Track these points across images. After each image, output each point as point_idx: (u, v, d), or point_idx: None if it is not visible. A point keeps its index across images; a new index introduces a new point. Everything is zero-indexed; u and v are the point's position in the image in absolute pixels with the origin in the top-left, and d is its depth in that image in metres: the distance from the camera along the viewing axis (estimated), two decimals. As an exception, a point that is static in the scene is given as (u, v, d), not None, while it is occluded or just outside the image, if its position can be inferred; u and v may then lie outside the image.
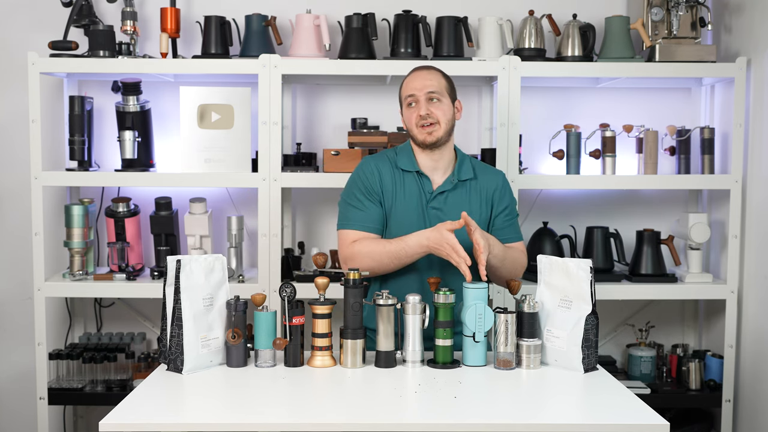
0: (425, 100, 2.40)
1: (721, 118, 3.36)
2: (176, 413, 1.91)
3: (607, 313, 3.47)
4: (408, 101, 2.43)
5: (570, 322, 2.18)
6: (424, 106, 2.40)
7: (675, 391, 3.23)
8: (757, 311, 3.11)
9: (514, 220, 2.51)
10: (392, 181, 2.44)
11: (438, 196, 2.43)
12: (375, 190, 2.42)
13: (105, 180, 3.17)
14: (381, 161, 2.47)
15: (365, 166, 2.47)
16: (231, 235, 3.22)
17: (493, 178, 2.51)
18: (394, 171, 2.45)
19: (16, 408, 3.47)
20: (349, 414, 1.86)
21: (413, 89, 2.42)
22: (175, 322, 2.12)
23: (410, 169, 2.45)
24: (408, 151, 2.48)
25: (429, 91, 2.40)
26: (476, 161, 2.55)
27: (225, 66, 3.13)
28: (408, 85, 2.44)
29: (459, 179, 2.45)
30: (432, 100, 2.40)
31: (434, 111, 2.40)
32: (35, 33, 3.34)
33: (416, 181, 2.45)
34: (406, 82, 2.46)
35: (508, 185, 2.53)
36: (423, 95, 2.40)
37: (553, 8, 3.36)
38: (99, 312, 3.47)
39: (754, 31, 3.14)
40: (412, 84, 2.43)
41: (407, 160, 2.46)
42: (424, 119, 2.39)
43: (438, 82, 2.43)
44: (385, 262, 2.34)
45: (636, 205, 3.52)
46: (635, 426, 1.82)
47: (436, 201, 2.43)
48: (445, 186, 2.44)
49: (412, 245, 2.30)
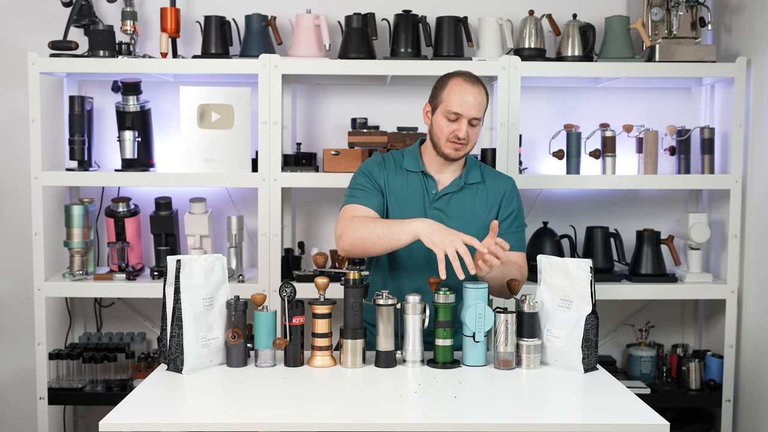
0: (467, 122, 2.36)
1: (721, 118, 3.36)
2: (176, 413, 1.91)
3: (607, 313, 3.47)
4: (450, 116, 2.35)
5: (570, 322, 2.18)
6: (464, 129, 2.35)
7: (675, 391, 3.23)
8: (757, 311, 3.11)
9: (519, 228, 2.49)
10: (396, 177, 2.45)
11: (442, 197, 2.44)
12: (378, 181, 2.43)
13: (105, 180, 3.17)
14: (388, 159, 2.49)
15: (372, 158, 2.50)
16: (231, 235, 3.22)
17: (501, 183, 2.50)
18: (398, 170, 2.46)
19: (16, 408, 3.47)
20: (349, 414, 1.86)
21: (462, 107, 2.34)
22: (175, 322, 2.12)
23: (415, 170, 2.45)
24: (414, 154, 2.48)
25: (474, 116, 2.35)
26: (486, 166, 2.55)
27: (225, 66, 3.13)
28: (454, 99, 2.35)
29: (466, 182, 2.45)
30: (472, 124, 2.37)
31: (471, 135, 2.38)
32: (35, 33, 3.34)
33: (421, 181, 2.45)
34: (454, 90, 2.36)
35: (516, 192, 2.51)
36: (467, 117, 2.35)
37: (553, 8, 3.36)
38: (99, 312, 3.47)
39: (754, 31, 3.14)
40: (463, 100, 2.34)
41: (413, 161, 2.47)
42: (459, 140, 2.36)
43: (483, 106, 2.38)
44: (377, 232, 2.26)
45: (636, 205, 3.52)
46: (635, 426, 1.82)
47: (440, 202, 2.43)
48: (451, 188, 2.44)
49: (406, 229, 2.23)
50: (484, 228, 2.40)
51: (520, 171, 3.16)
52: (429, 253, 2.29)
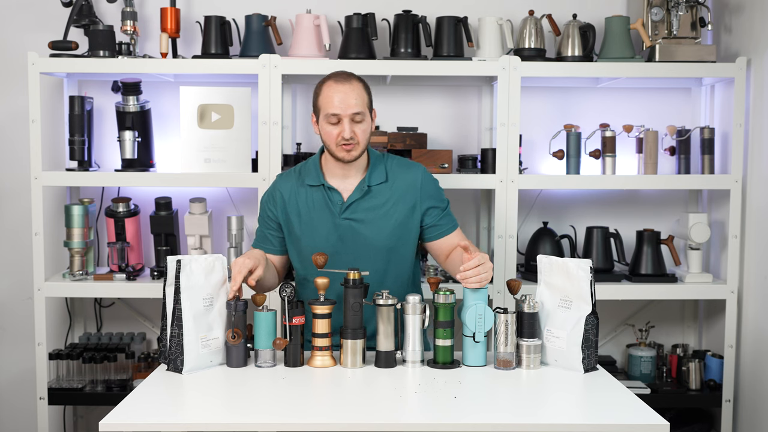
0: (349, 121, 2.32)
1: (721, 118, 3.36)
2: (176, 413, 1.91)
3: (607, 313, 3.47)
4: (331, 120, 2.33)
5: (570, 322, 2.18)
6: (348, 129, 2.31)
7: (675, 391, 3.23)
8: (757, 311, 3.11)
9: (446, 209, 2.47)
10: (297, 200, 2.42)
11: (350, 206, 2.40)
12: (271, 221, 2.45)
13: (105, 180, 3.17)
14: (286, 181, 2.46)
15: (265, 195, 2.51)
16: (231, 235, 3.22)
17: (410, 175, 2.45)
18: (299, 189, 2.42)
19: (16, 408, 3.47)
20: (349, 414, 1.86)
21: (336, 108, 2.31)
22: (175, 322, 2.12)
23: (316, 184, 2.42)
24: (315, 165, 2.45)
25: (354, 112, 2.31)
26: (393, 160, 2.49)
27: (225, 66, 3.13)
28: (329, 101, 2.32)
29: (369, 185, 2.41)
30: (355, 120, 2.34)
31: (358, 133, 2.34)
32: (35, 33, 3.34)
33: (324, 195, 2.41)
34: (327, 94, 2.34)
35: (429, 178, 2.47)
36: (347, 116, 2.32)
37: (553, 8, 3.36)
38: (99, 312, 3.47)
39: (754, 31, 3.14)
40: (335, 101, 2.31)
41: (314, 174, 2.43)
42: (347, 141, 2.33)
43: (362, 100, 2.34)
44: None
45: (636, 205, 3.52)
46: (635, 426, 1.82)
47: (349, 211, 2.40)
48: (356, 194, 2.40)
49: None
50: (401, 226, 2.40)
51: (520, 171, 3.16)
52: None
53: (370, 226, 2.39)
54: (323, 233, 2.40)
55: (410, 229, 2.43)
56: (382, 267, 2.40)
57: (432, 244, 2.48)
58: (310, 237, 2.41)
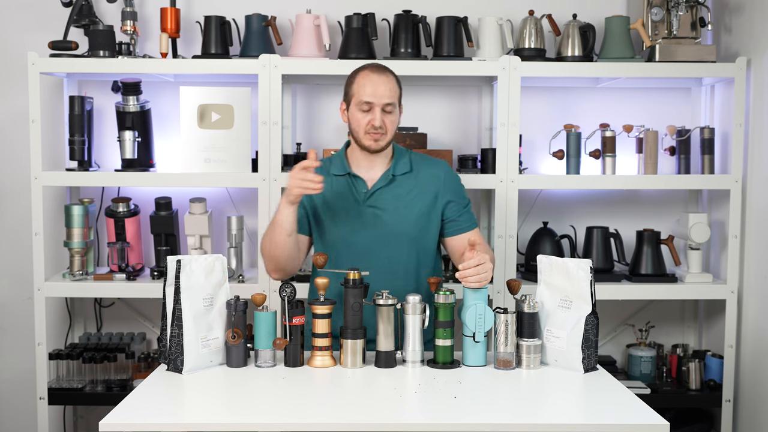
0: (380, 111, 2.38)
1: (721, 118, 3.36)
2: (176, 413, 1.91)
3: (607, 313, 3.47)
4: (363, 107, 2.38)
5: (570, 322, 2.18)
6: (379, 117, 2.37)
7: (675, 391, 3.23)
8: (757, 311, 3.11)
9: (466, 207, 2.51)
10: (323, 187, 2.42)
11: (374, 193, 2.44)
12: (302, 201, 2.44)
13: (105, 180, 3.17)
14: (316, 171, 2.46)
15: None
16: (231, 235, 3.22)
17: (435, 170, 2.50)
18: (325, 179, 2.42)
19: (16, 408, 3.47)
20: (349, 414, 1.86)
21: (370, 96, 2.37)
22: (175, 322, 2.12)
23: (341, 173, 2.46)
24: (340, 157, 2.50)
25: (386, 102, 2.38)
26: (417, 155, 2.55)
27: (225, 66, 3.13)
28: (364, 90, 2.38)
29: (394, 174, 2.46)
30: (386, 111, 2.39)
31: (387, 123, 2.39)
32: (35, 33, 3.34)
33: (348, 183, 2.46)
34: (361, 82, 2.40)
35: (452, 174, 2.53)
36: (380, 105, 2.37)
37: (553, 8, 3.36)
38: (99, 312, 3.47)
39: (754, 31, 3.14)
40: (371, 90, 2.38)
41: (338, 165, 2.49)
42: (376, 130, 2.38)
43: (394, 92, 2.41)
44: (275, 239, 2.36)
45: (636, 205, 3.52)
46: (635, 426, 1.83)
47: (373, 199, 2.44)
48: (380, 183, 2.45)
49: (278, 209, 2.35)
50: (421, 217, 2.44)
51: (520, 171, 3.16)
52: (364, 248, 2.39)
53: (394, 215, 2.42)
54: (347, 220, 2.43)
55: (432, 220, 2.46)
56: (404, 257, 2.43)
57: (450, 240, 2.50)
58: (332, 223, 2.44)
